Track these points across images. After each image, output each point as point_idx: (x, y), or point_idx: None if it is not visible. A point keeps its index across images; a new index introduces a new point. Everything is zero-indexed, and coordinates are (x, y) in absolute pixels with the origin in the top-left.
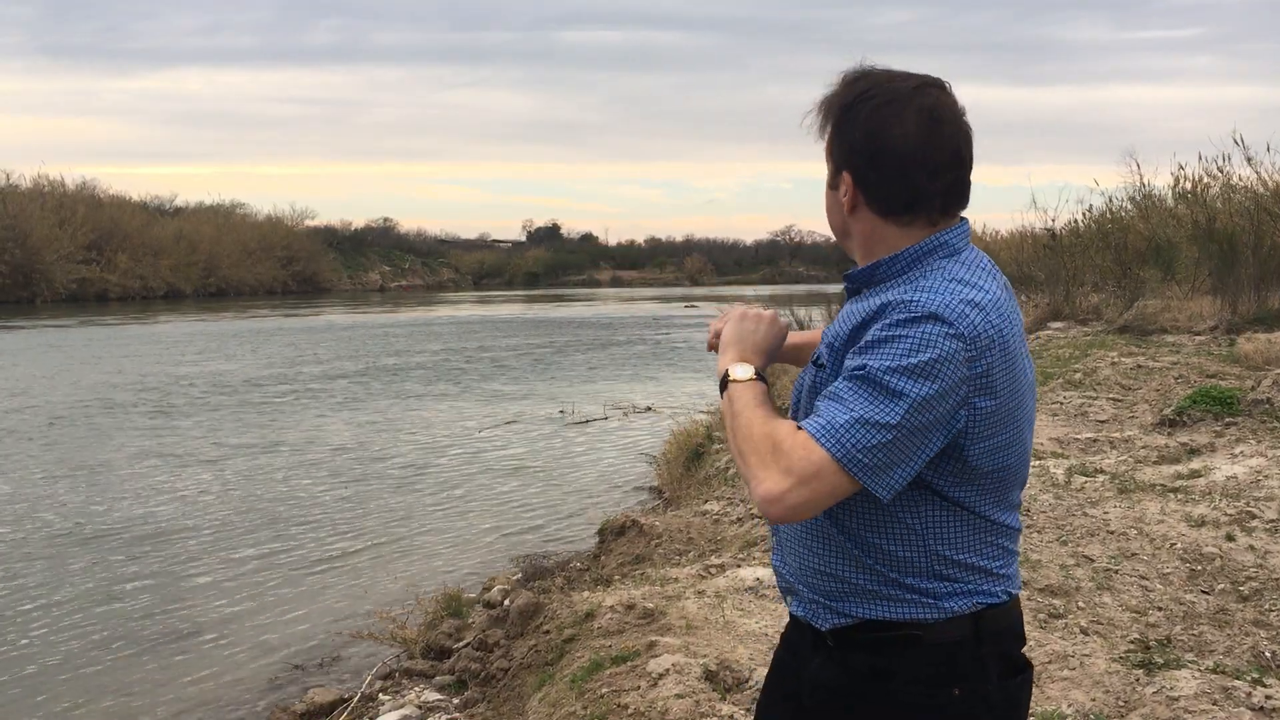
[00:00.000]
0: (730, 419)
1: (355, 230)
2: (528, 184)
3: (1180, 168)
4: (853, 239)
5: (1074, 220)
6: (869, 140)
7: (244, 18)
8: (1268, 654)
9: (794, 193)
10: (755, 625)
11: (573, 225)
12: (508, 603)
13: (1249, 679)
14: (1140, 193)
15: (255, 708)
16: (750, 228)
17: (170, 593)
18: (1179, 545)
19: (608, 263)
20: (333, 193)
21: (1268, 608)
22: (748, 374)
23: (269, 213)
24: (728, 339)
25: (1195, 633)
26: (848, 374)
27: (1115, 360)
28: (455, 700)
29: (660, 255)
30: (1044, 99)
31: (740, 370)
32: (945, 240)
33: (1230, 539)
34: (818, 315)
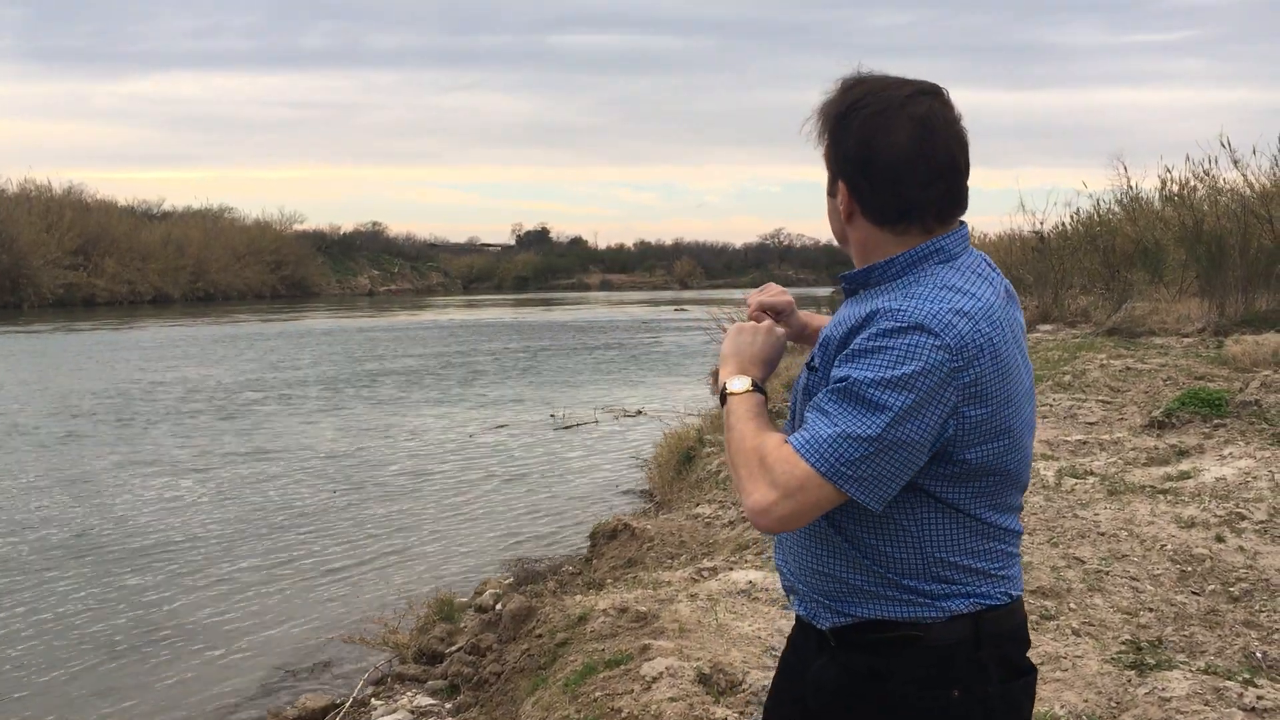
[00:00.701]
0: (726, 431)
1: (344, 234)
2: (519, 187)
3: (1168, 170)
4: (851, 245)
5: (1061, 223)
6: (861, 150)
7: (239, 21)
8: (1259, 654)
9: (785, 196)
10: (748, 628)
11: (565, 229)
12: (500, 607)
13: (1240, 679)
14: (1128, 195)
15: (247, 713)
16: (742, 231)
17: (161, 598)
18: (1169, 547)
19: (597, 266)
20: (324, 196)
21: (1258, 608)
22: (744, 386)
23: (257, 217)
24: (726, 352)
25: (1186, 634)
26: (832, 385)
27: (1104, 362)
28: (448, 705)
29: (649, 259)
30: (1037, 102)
31: (737, 383)
32: (940, 246)
33: (1220, 540)
34: None
